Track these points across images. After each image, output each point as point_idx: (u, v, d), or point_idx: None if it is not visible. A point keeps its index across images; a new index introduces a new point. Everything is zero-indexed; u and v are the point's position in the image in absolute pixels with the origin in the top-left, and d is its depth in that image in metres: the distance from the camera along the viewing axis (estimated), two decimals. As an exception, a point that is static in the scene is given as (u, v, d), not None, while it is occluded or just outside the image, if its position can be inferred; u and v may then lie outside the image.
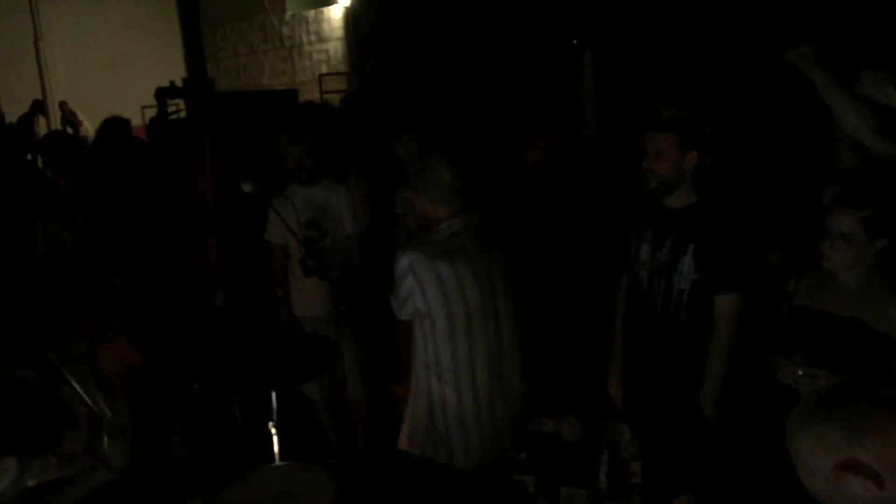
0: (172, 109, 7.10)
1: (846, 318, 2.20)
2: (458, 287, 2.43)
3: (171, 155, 4.89)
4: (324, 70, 9.04)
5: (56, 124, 11.59)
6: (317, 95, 8.49)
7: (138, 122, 8.88)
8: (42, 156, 4.25)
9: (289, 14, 9.45)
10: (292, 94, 6.32)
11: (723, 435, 2.60)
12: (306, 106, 6.00)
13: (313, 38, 9.33)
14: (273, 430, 2.74)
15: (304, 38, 9.48)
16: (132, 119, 5.47)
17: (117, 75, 12.33)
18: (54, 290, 3.21)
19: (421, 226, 2.60)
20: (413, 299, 2.45)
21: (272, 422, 2.73)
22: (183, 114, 6.63)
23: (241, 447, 3.14)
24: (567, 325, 3.57)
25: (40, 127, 10.78)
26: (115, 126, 4.93)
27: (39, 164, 5.27)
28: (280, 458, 2.73)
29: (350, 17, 8.53)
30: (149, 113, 9.15)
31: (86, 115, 11.00)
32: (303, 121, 4.64)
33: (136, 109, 10.13)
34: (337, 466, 3.58)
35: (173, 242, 4.02)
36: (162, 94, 6.93)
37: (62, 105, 11.67)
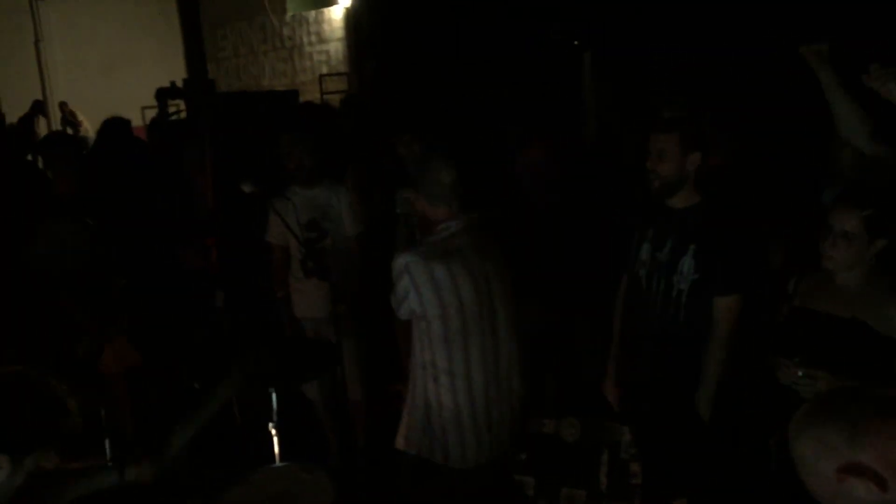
0: (173, 110, 7.10)
1: (846, 319, 2.20)
2: (453, 289, 2.42)
3: (171, 155, 4.89)
4: (324, 71, 9.04)
5: (56, 125, 11.60)
6: (317, 96, 8.48)
7: (138, 122, 8.87)
8: (42, 156, 4.26)
9: (289, 15, 9.45)
10: (293, 95, 6.31)
11: (719, 437, 2.59)
12: (306, 106, 6.00)
13: (314, 38, 9.33)
14: (273, 431, 2.73)
15: (305, 39, 9.48)
16: (132, 120, 5.48)
17: (117, 76, 12.32)
18: (55, 289, 3.21)
19: (422, 226, 2.60)
20: (409, 300, 2.45)
21: (272, 422, 2.73)
22: (183, 115, 6.63)
23: (241, 447, 3.14)
24: (567, 325, 3.57)
25: (40, 127, 10.79)
26: (115, 126, 4.94)
27: (40, 164, 5.27)
28: (280, 459, 2.72)
29: (350, 17, 8.53)
30: (149, 113, 9.14)
31: (86, 116, 11.00)
32: (303, 121, 4.64)
33: (137, 110, 10.12)
34: (337, 467, 3.58)
35: (173, 242, 4.02)
36: (162, 94, 6.93)
37: (62, 105, 11.67)
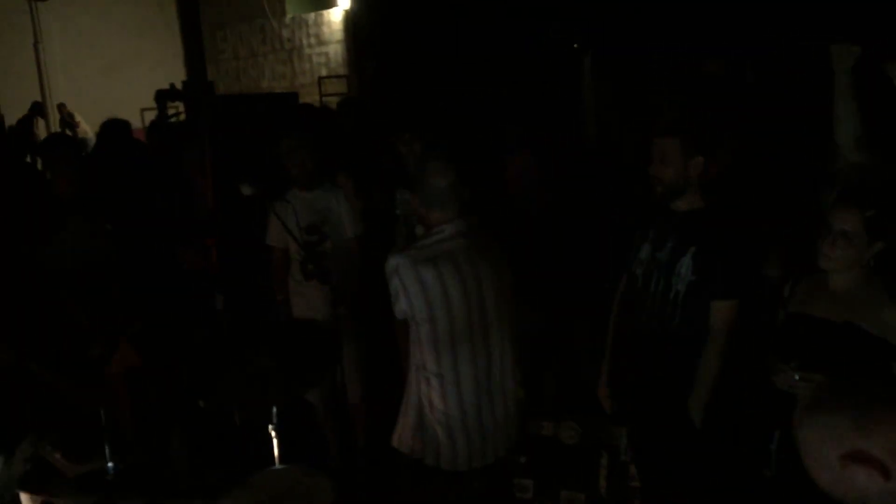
0: (172, 112, 7.10)
1: (841, 324, 2.19)
2: (441, 293, 2.41)
3: (171, 157, 4.89)
4: (323, 73, 9.04)
5: (55, 126, 11.61)
6: (316, 98, 8.49)
7: (138, 124, 8.87)
8: (42, 158, 4.25)
9: (289, 17, 9.47)
10: (292, 97, 6.33)
11: (714, 439, 2.56)
12: (304, 108, 6.01)
13: (313, 40, 9.34)
14: (273, 433, 2.73)
15: (304, 41, 9.49)
16: (132, 121, 5.48)
17: (117, 77, 12.33)
18: (69, 289, 3.20)
19: (424, 226, 2.60)
20: (399, 302, 2.46)
21: (272, 424, 2.73)
22: (183, 117, 6.63)
23: (241, 449, 3.13)
24: (567, 326, 3.57)
25: (39, 129, 10.80)
26: (115, 128, 4.94)
27: (38, 165, 5.27)
28: (280, 460, 2.72)
29: (350, 19, 8.54)
30: (148, 115, 9.15)
31: (86, 118, 11.00)
32: (302, 121, 4.64)
33: (136, 112, 10.13)
34: (337, 468, 3.57)
35: (173, 243, 4.01)
36: (162, 96, 6.94)
37: (60, 107, 11.68)
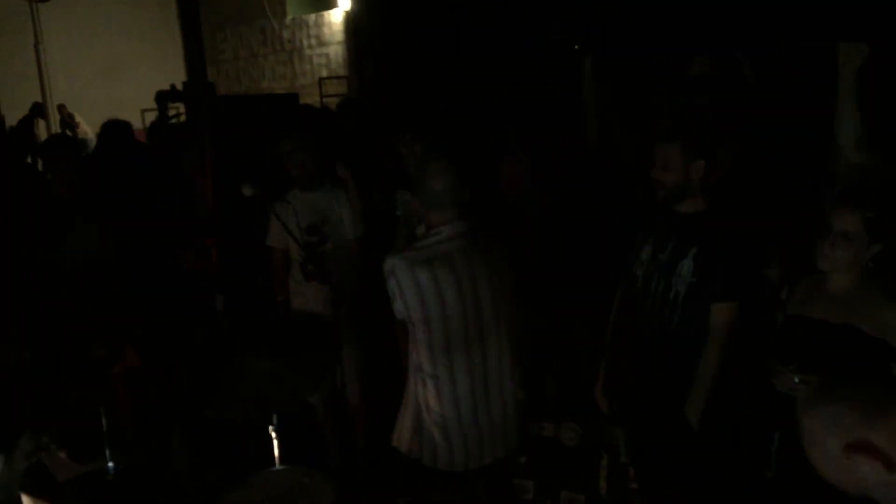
0: (173, 113, 7.11)
1: (840, 325, 2.20)
2: (436, 295, 2.41)
3: (171, 158, 4.89)
4: (324, 74, 9.04)
5: (55, 127, 11.62)
6: (317, 99, 8.48)
7: (138, 125, 8.87)
8: (43, 159, 4.25)
9: (289, 18, 9.46)
10: (292, 98, 6.32)
11: (712, 440, 2.56)
12: (304, 109, 6.00)
13: (314, 41, 9.34)
14: (273, 434, 2.72)
15: (305, 42, 9.49)
16: (132, 122, 5.48)
17: (117, 78, 12.34)
18: (77, 289, 3.20)
19: (426, 226, 2.60)
20: (396, 302, 2.47)
21: (272, 425, 2.72)
22: (183, 118, 6.64)
23: (241, 450, 3.13)
24: (567, 327, 3.56)
25: (40, 130, 10.81)
26: (115, 129, 4.94)
27: (39, 166, 5.28)
28: (280, 461, 2.72)
29: (350, 20, 8.53)
30: (149, 116, 9.15)
31: (86, 119, 11.01)
32: (302, 122, 4.64)
33: (136, 113, 10.13)
34: (337, 468, 3.57)
35: (173, 243, 4.01)
36: (162, 97, 6.94)
37: (60, 108, 11.70)
